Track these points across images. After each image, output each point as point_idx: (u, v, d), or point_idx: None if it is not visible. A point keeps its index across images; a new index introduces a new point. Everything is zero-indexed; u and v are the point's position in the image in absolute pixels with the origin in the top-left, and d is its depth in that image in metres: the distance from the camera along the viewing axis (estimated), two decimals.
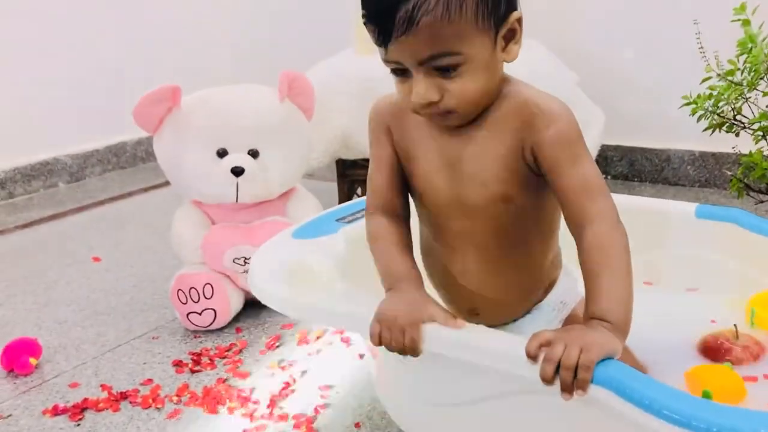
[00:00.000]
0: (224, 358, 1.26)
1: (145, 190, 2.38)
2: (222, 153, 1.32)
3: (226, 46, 2.82)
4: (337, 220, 1.12)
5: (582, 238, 0.74)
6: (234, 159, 1.31)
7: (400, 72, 0.74)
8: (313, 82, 1.72)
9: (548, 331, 0.68)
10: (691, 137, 1.91)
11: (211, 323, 1.33)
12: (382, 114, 0.86)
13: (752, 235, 1.04)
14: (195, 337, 1.34)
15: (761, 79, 1.36)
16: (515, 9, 0.75)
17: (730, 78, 1.36)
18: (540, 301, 0.88)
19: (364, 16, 0.73)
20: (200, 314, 1.32)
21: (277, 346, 1.28)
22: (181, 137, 1.34)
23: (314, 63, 1.81)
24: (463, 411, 0.81)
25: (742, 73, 1.37)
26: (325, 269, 0.92)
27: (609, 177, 2.29)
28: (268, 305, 0.87)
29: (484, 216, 0.80)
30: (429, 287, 0.90)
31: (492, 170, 0.78)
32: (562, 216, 0.79)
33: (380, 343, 0.75)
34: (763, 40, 1.33)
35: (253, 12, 2.77)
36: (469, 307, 0.88)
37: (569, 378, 0.64)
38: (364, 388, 1.12)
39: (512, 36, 0.75)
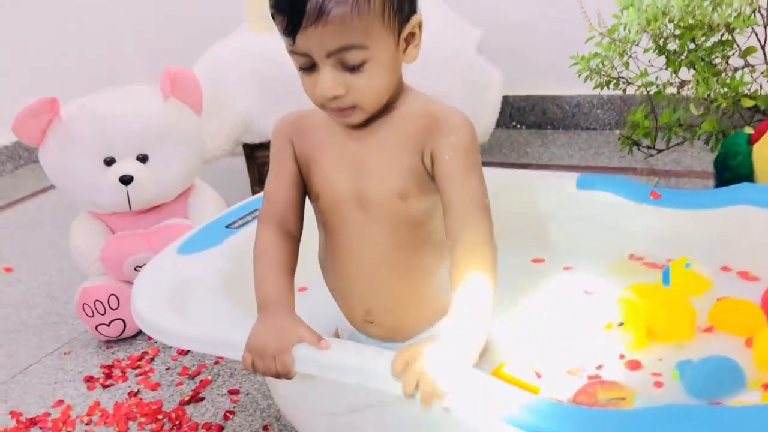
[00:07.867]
0: (137, 368, 1.25)
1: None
2: (109, 161, 1.29)
3: (118, 42, 2.74)
4: (227, 226, 1.12)
5: (456, 248, 0.76)
6: (121, 167, 1.28)
7: (307, 66, 0.75)
8: (207, 68, 1.68)
9: (410, 347, 0.70)
10: None
11: (122, 332, 1.32)
12: (285, 127, 0.87)
13: (629, 202, 1.07)
14: (107, 347, 1.33)
15: (644, 32, 1.38)
16: (416, 12, 0.77)
17: (613, 36, 1.38)
18: (432, 326, 0.88)
19: (272, 6, 0.73)
20: (109, 325, 1.31)
21: (188, 351, 1.28)
22: (66, 148, 1.29)
23: (210, 46, 1.76)
24: (350, 418, 0.83)
25: (625, 29, 1.39)
26: (208, 289, 0.92)
27: (524, 127, 2.31)
28: (151, 335, 0.87)
29: (380, 212, 0.82)
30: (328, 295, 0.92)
31: (391, 166, 0.80)
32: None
33: (254, 371, 0.77)
34: None
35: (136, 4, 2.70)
36: (364, 311, 0.89)
37: (428, 390, 0.67)
38: None
39: (412, 39, 0.78)
